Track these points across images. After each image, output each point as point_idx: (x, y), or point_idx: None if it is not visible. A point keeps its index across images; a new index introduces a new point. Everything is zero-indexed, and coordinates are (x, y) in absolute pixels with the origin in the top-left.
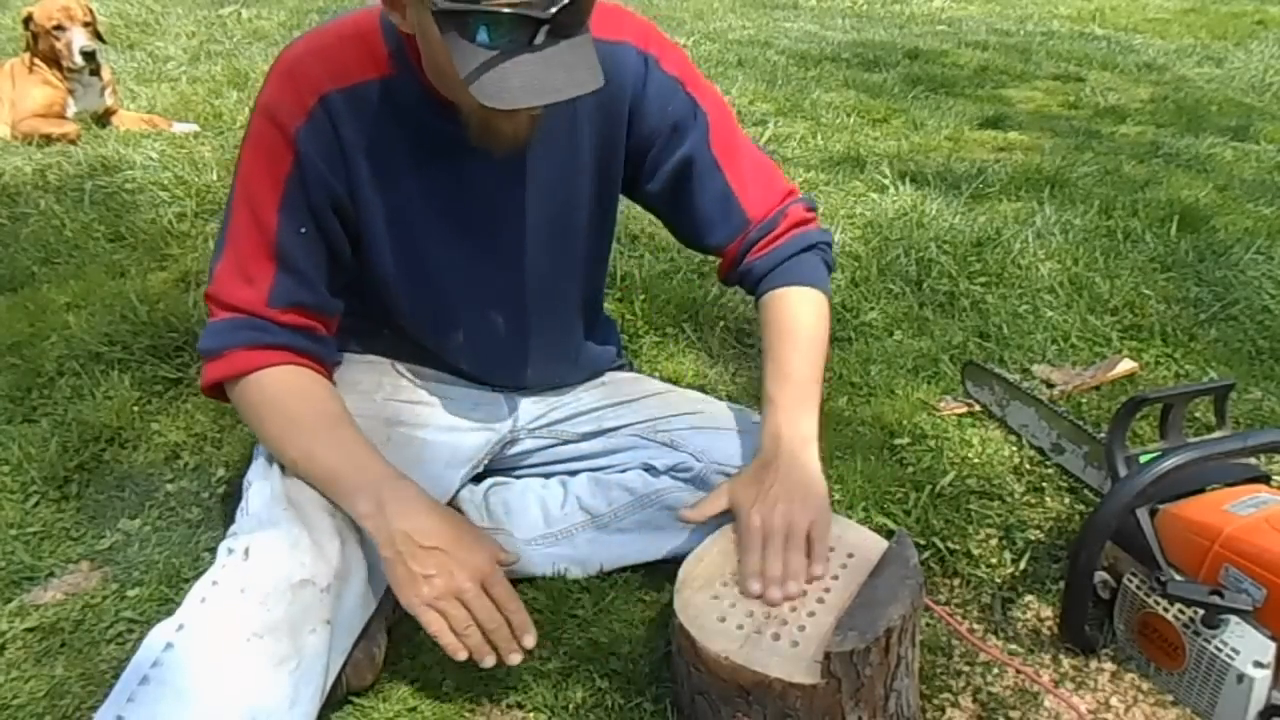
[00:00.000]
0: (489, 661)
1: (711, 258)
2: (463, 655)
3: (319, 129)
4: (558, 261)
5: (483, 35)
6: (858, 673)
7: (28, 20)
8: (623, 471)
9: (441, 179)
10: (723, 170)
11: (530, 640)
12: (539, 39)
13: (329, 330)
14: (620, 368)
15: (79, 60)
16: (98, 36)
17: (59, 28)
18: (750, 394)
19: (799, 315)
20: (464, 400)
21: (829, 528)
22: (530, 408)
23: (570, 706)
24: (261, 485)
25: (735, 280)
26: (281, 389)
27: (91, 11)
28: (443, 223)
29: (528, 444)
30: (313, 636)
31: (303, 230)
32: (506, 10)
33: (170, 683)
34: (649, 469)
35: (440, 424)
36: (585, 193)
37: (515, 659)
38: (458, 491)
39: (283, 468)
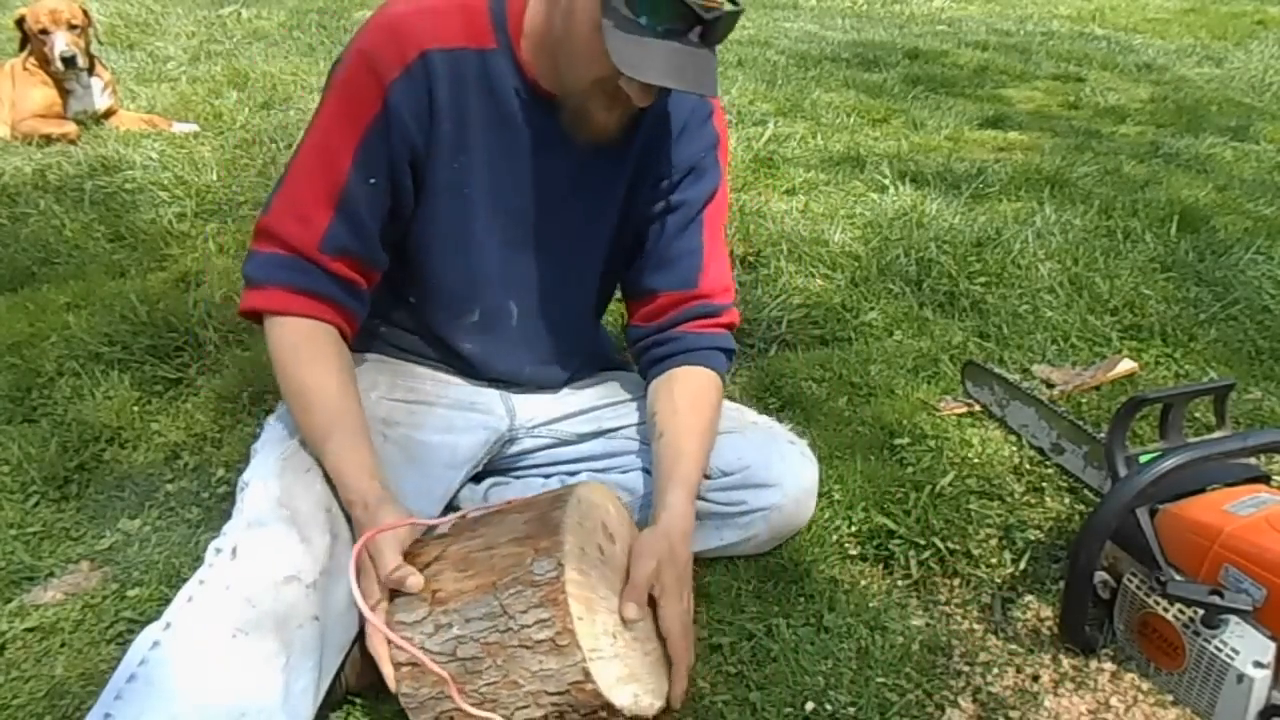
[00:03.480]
0: None
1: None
2: None
3: (414, 84)
4: (581, 263)
5: (645, 17)
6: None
7: (20, 22)
8: (623, 473)
9: (505, 158)
10: (703, 236)
11: (391, 685)
12: (692, 36)
13: (368, 284)
14: (616, 367)
15: (60, 65)
16: (95, 38)
17: (44, 31)
18: (749, 394)
19: (714, 413)
20: (460, 399)
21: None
22: (527, 407)
23: None
24: (258, 487)
25: (655, 333)
26: (310, 349)
27: (86, 14)
28: (493, 200)
29: (527, 443)
30: (300, 632)
31: (372, 180)
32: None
33: (157, 680)
34: (649, 473)
35: (437, 425)
36: (619, 200)
37: None
38: (458, 491)
39: (280, 467)
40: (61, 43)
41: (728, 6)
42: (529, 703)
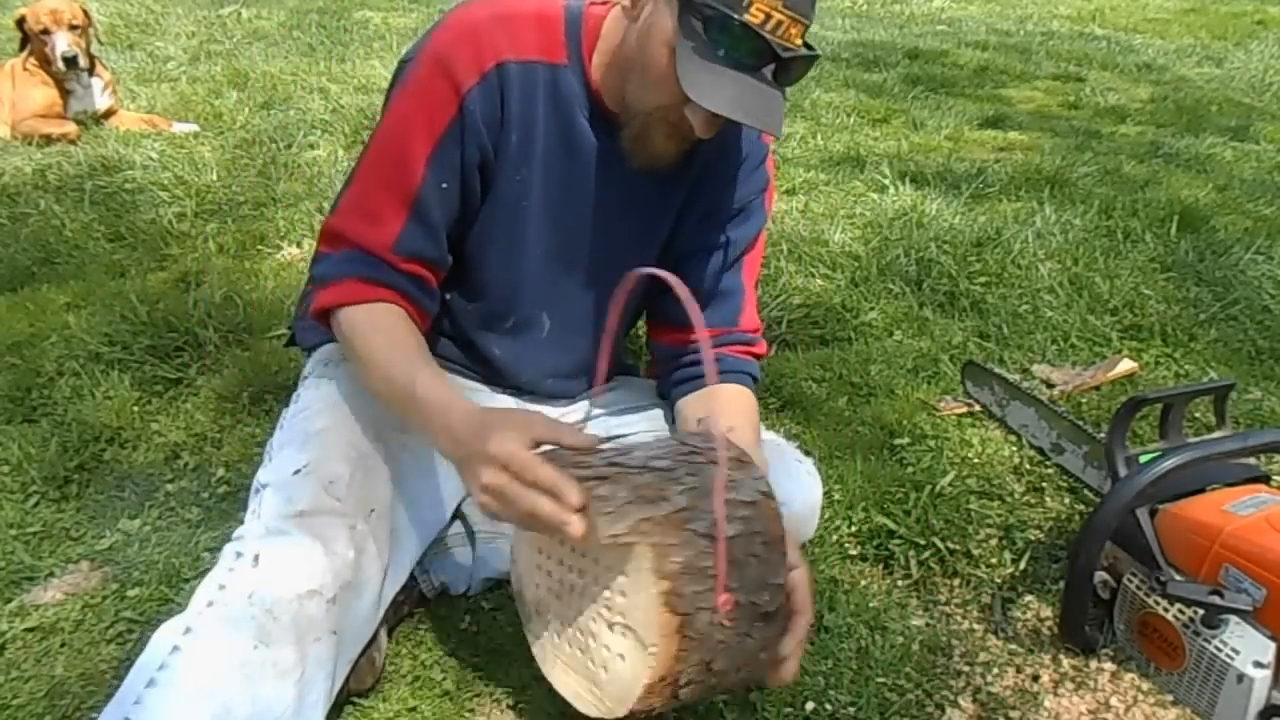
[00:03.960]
0: (572, 529)
1: None
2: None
3: (489, 93)
4: (618, 284)
5: (722, 48)
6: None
7: (20, 22)
8: None
9: (565, 173)
10: (744, 277)
11: (574, 497)
12: (765, 73)
13: (437, 282)
14: (627, 372)
15: (61, 65)
16: (95, 39)
17: (45, 31)
18: None
19: (758, 423)
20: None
21: None
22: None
23: (568, 709)
24: (277, 492)
25: (692, 353)
26: (384, 323)
27: (86, 14)
28: (547, 212)
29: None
30: (317, 646)
31: (444, 185)
32: (764, 33)
33: (177, 687)
34: None
35: None
36: (667, 226)
37: (574, 529)
38: (466, 496)
39: (302, 479)
40: (63, 43)
41: (803, 50)
42: (726, 513)
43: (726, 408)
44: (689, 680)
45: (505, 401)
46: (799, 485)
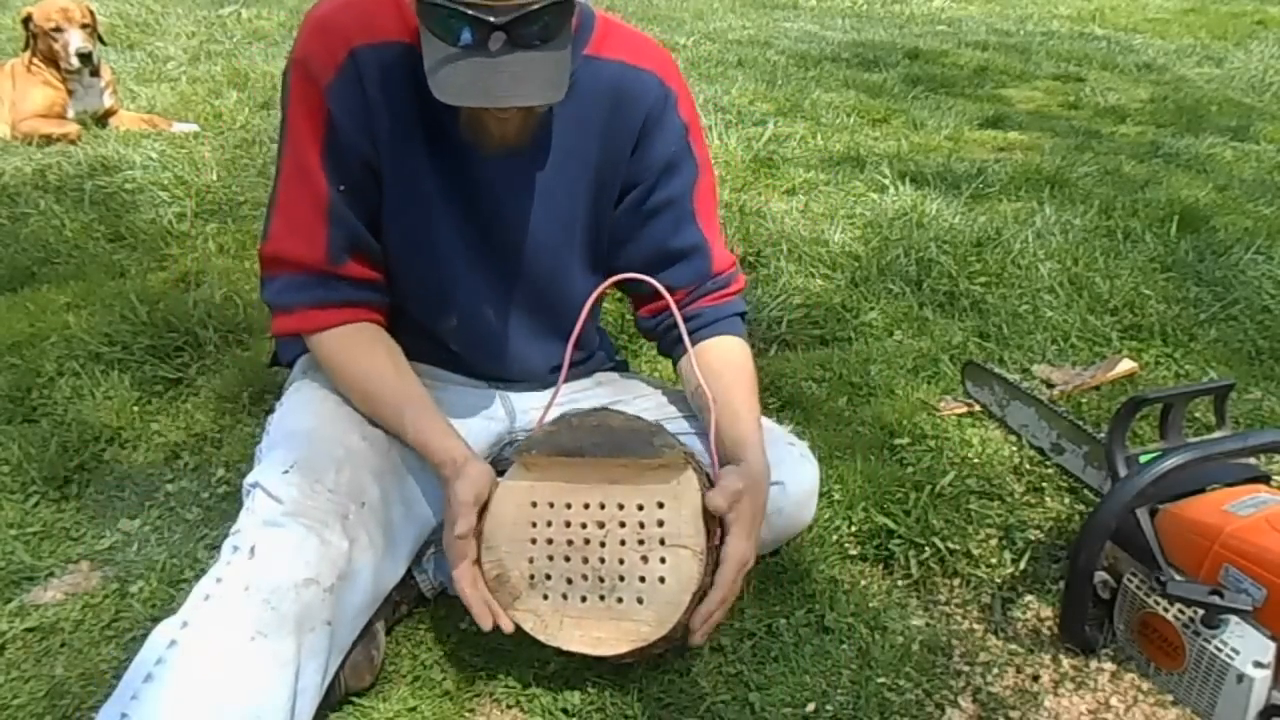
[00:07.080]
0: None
1: None
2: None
3: (347, 83)
4: (553, 269)
5: (450, 34)
6: None
7: (27, 20)
8: None
9: (453, 158)
10: (699, 222)
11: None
12: (494, 45)
13: (381, 274)
14: (614, 369)
15: (75, 62)
16: (98, 38)
17: (57, 29)
18: None
19: (752, 374)
20: (457, 403)
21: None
22: (527, 405)
23: (569, 709)
24: (269, 490)
25: (666, 322)
26: (355, 349)
27: (91, 13)
28: (450, 202)
29: None
30: (312, 636)
31: (342, 187)
32: (464, 9)
33: (174, 681)
34: None
35: None
36: (583, 205)
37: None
38: None
39: (291, 476)
40: (78, 40)
41: (523, 6)
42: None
43: (713, 364)
44: (703, 590)
45: (488, 396)
46: (791, 469)
